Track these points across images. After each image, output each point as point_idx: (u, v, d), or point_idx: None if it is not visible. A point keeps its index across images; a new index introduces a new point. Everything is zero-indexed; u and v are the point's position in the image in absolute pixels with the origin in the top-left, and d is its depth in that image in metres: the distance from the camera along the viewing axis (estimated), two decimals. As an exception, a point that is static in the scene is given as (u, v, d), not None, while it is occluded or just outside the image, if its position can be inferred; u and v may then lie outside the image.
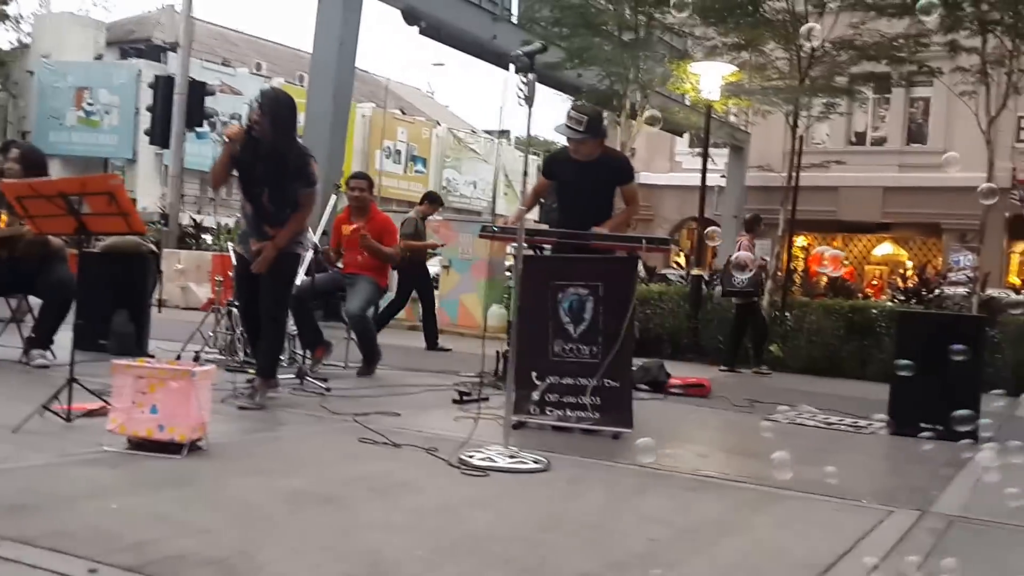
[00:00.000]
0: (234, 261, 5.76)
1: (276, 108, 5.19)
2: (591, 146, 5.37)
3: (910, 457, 5.19)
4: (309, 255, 6.51)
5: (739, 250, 9.76)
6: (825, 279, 13.65)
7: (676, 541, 3.05)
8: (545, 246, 5.47)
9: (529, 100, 4.09)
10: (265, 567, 2.40)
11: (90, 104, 33.25)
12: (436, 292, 15.11)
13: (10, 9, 32.99)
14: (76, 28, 34.21)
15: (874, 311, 10.96)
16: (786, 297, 11.97)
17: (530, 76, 4.09)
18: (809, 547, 3.09)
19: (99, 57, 34.23)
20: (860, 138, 25.86)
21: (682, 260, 22.99)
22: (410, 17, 15.56)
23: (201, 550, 2.48)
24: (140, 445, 3.80)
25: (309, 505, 3.13)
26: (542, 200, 5.70)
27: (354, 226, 7.16)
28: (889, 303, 11.58)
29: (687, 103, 17.39)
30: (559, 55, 14.02)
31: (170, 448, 3.74)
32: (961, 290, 13.40)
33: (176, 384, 3.79)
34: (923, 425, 5.66)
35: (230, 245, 9.02)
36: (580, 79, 15.77)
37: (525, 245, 5.26)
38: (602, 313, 5.07)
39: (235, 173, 5.34)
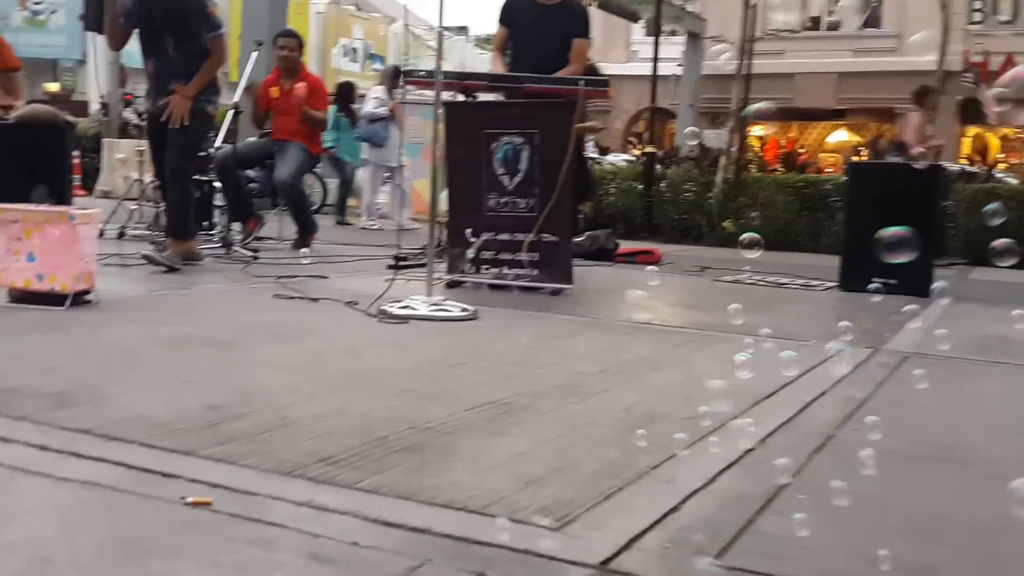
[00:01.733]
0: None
1: None
2: None
3: (861, 307, 4.95)
4: (230, 116, 6.04)
5: (908, 129, 9.37)
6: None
7: (602, 374, 2.76)
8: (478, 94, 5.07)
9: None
10: (109, 399, 2.06)
11: (36, 3, 31.65)
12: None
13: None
14: (14, -78, 32.27)
15: (828, 185, 10.70)
16: (739, 174, 11.65)
17: None
18: (751, 379, 2.82)
19: (40, -48, 32.41)
20: (815, 23, 25.25)
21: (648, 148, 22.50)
22: None
23: (40, 385, 2.13)
24: (21, 299, 3.43)
25: (191, 348, 2.79)
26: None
27: (286, 88, 6.66)
28: (844, 177, 11.28)
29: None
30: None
31: (53, 300, 3.38)
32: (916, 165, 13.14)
33: (55, 229, 3.41)
34: (875, 280, 5.43)
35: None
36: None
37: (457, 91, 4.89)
38: (538, 163, 4.71)
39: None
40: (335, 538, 1.34)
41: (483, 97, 5.17)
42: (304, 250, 6.17)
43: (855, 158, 14.74)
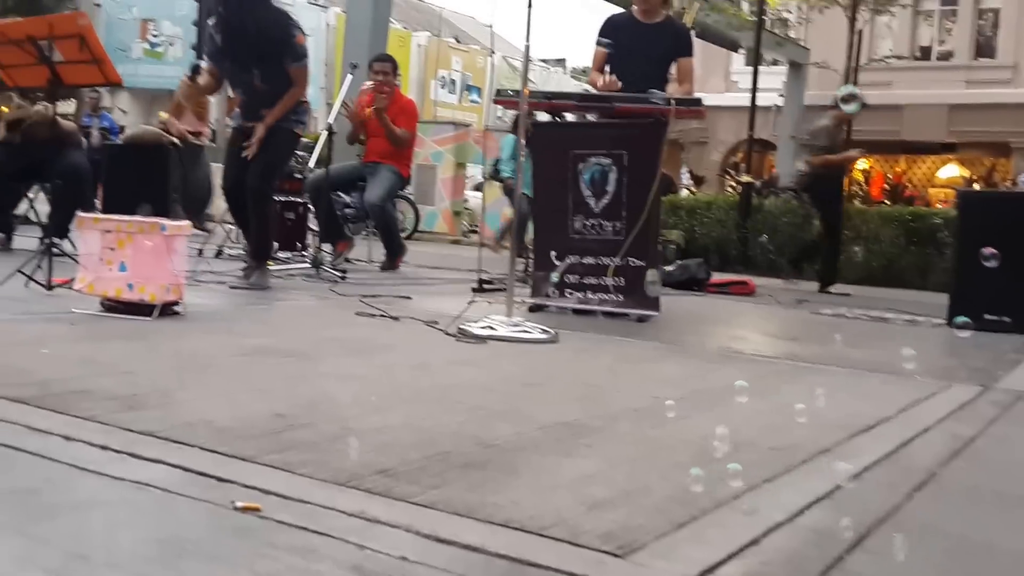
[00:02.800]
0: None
1: None
2: None
3: (972, 343, 4.66)
4: (323, 138, 6.11)
5: None
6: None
7: (684, 401, 2.62)
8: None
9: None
10: (177, 404, 2.04)
11: (155, 36, 33.24)
12: (479, 204, 14.76)
13: (75, -61, 32.98)
14: (139, -42, 34.01)
15: (938, 219, 10.26)
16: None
17: None
18: (846, 412, 2.65)
19: (162, -13, 34.07)
20: (925, 53, 24.45)
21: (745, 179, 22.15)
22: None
23: (112, 388, 2.13)
24: (113, 308, 3.49)
25: (266, 358, 2.77)
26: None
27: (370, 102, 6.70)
28: (953, 210, 10.82)
29: (745, 6, 16.47)
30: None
31: (142, 310, 3.42)
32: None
33: (146, 240, 3.46)
34: (988, 317, 5.13)
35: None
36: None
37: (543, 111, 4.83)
38: (627, 185, 4.61)
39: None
40: (382, 551, 1.26)
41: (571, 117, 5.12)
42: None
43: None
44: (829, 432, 2.29)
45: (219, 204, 14.83)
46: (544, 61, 47.51)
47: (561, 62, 45.13)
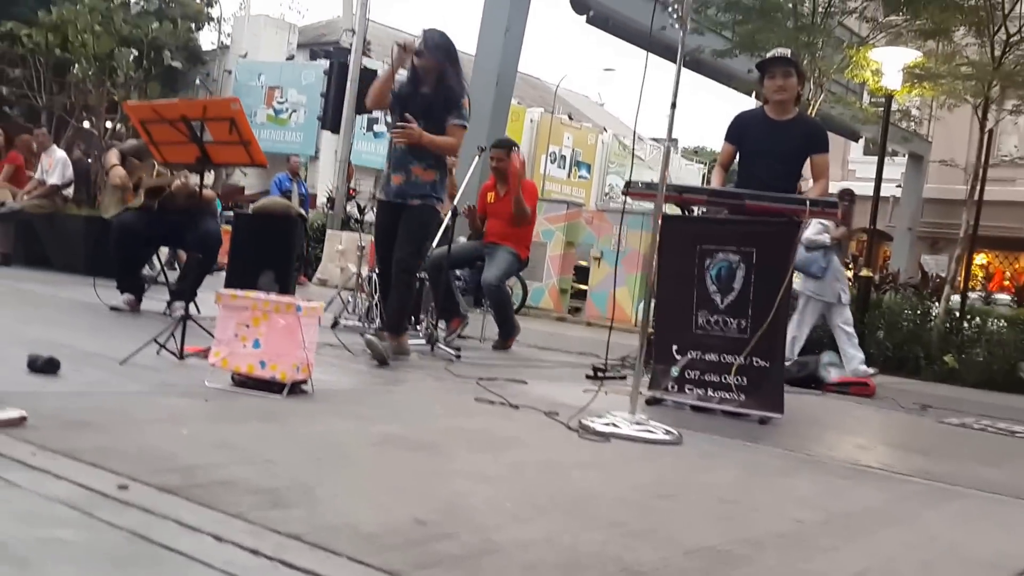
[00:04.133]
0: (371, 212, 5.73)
1: (444, 43, 5.17)
2: (793, 89, 4.92)
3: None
4: (448, 216, 6.22)
5: None
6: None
7: (826, 525, 2.51)
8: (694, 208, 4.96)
9: (683, 20, 3.63)
10: (320, 501, 2.05)
11: (280, 103, 34.81)
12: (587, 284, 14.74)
13: (213, 12, 35.01)
14: (271, 30, 35.93)
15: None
16: (964, 303, 10.87)
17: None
18: (995, 548, 2.49)
19: (291, 58, 35.83)
20: (1051, 151, 23.60)
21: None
22: (578, 5, 15.26)
23: (255, 479, 2.15)
24: (243, 383, 3.57)
25: (398, 449, 2.78)
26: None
27: (505, 198, 6.80)
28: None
29: (865, 100, 16.25)
30: (726, 43, 13.36)
31: (272, 387, 3.49)
32: None
33: (281, 319, 3.54)
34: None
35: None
36: (750, 75, 15.00)
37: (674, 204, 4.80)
38: (754, 283, 4.52)
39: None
40: None
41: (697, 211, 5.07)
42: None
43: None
44: (978, 571, 2.14)
45: (330, 269, 15.23)
46: (655, 140, 47.78)
47: (673, 141, 45.24)
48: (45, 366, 3.32)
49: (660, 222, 4.15)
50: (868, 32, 12.71)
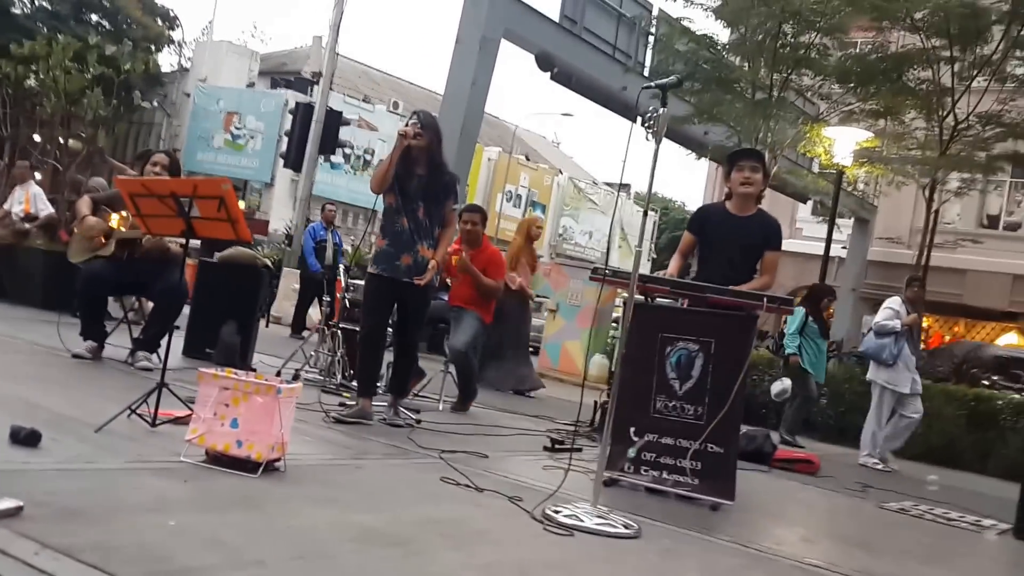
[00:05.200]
0: (358, 282, 6.15)
1: (436, 125, 5.54)
2: (759, 184, 5.21)
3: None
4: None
5: None
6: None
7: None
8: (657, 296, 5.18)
9: (658, 136, 3.86)
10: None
11: (238, 128, 34.67)
12: (540, 335, 14.93)
13: (175, 35, 34.92)
14: (233, 56, 35.85)
15: (999, 402, 10.21)
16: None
17: (661, 109, 3.87)
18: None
19: (251, 85, 35.76)
20: (993, 221, 24.53)
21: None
22: (544, 63, 15.60)
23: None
24: (217, 459, 3.66)
25: (377, 547, 2.90)
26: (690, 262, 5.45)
27: (472, 262, 6.99)
28: (1016, 396, 10.76)
29: (816, 169, 16.82)
30: (687, 109, 13.77)
31: (247, 466, 3.59)
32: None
33: (260, 399, 3.65)
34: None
35: (341, 268, 9.07)
36: (706, 136, 15.45)
37: (637, 292, 5.01)
38: (712, 372, 4.74)
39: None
40: None
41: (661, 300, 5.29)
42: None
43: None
44: None
45: (284, 307, 15.18)
46: (608, 185, 48.48)
47: (626, 187, 46.12)
48: (28, 439, 3.40)
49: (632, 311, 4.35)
50: (822, 110, 13.22)
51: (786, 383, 8.90)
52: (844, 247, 24.19)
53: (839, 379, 10.91)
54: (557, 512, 3.73)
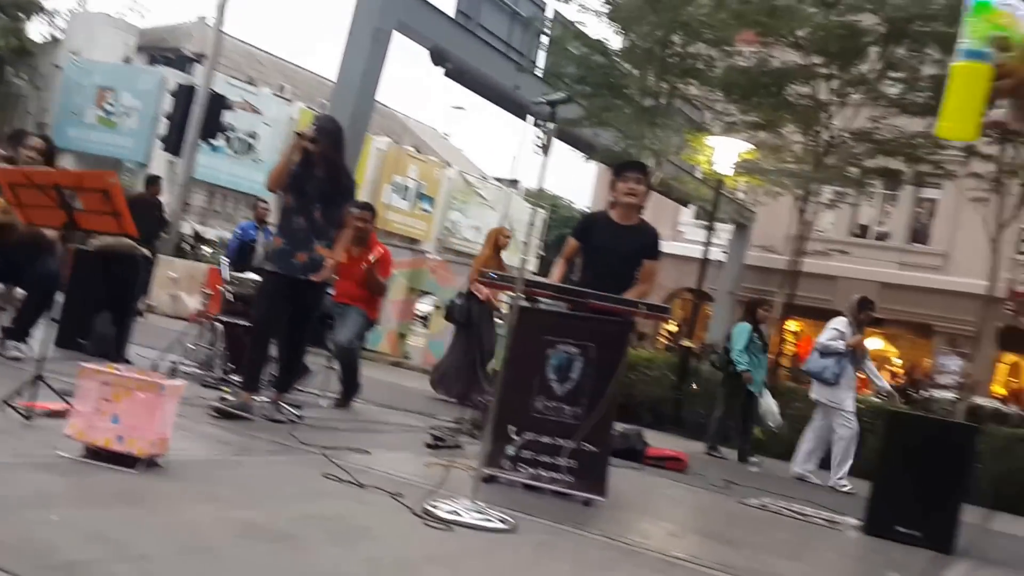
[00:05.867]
0: (255, 278, 6.28)
1: (335, 129, 5.71)
2: (642, 196, 5.45)
3: (886, 562, 5.03)
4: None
5: None
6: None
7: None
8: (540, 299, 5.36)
9: (546, 148, 4.03)
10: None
11: (110, 105, 33.22)
12: (426, 330, 15.03)
13: (46, 2, 33.16)
14: (109, 29, 34.29)
15: (859, 405, 10.82)
16: (775, 382, 11.83)
17: (550, 125, 4.04)
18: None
19: (127, 60, 34.34)
20: (863, 231, 25.86)
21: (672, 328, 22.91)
22: (437, 57, 15.64)
23: (136, 581, 2.32)
24: (96, 454, 3.64)
25: (260, 542, 2.97)
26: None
27: (358, 259, 7.02)
28: (873, 398, 11.44)
29: (698, 175, 17.43)
30: (578, 112, 14.08)
31: (126, 461, 3.58)
32: (949, 394, 13.28)
33: (143, 395, 3.65)
34: (899, 529, 5.52)
35: (222, 259, 8.94)
36: (596, 138, 15.82)
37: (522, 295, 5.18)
38: (589, 375, 4.95)
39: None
40: None
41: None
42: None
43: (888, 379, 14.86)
44: None
45: (160, 296, 14.81)
46: (498, 180, 48.81)
47: (515, 183, 46.52)
48: None
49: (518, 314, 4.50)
50: (706, 119, 13.74)
51: (772, 406, 9.35)
52: (724, 251, 25.10)
53: (713, 382, 11.34)
54: (437, 508, 3.85)
